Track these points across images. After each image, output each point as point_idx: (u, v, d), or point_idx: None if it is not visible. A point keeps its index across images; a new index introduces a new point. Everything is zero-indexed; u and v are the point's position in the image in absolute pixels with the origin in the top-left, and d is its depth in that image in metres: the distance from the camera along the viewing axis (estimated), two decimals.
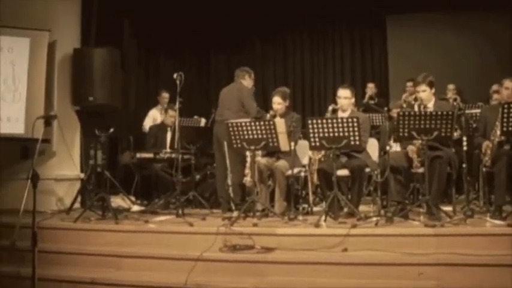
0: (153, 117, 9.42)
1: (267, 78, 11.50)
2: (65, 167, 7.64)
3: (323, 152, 6.13)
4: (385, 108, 6.10)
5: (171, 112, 8.22)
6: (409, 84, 9.08)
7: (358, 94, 9.85)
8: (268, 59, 11.67)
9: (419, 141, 5.69)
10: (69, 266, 5.59)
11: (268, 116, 6.61)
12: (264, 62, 11.64)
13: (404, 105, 6.60)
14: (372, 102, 9.52)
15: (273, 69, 11.65)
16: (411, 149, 5.86)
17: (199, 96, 11.25)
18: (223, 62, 11.55)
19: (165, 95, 9.42)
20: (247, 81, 7.26)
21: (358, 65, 11.22)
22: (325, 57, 11.40)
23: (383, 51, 10.99)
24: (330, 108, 6.40)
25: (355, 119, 5.68)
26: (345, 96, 6.34)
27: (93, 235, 5.87)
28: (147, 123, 9.33)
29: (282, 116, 6.63)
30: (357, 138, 5.69)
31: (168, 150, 7.78)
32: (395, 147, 6.28)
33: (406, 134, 5.54)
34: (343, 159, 6.22)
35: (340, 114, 6.36)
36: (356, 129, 5.65)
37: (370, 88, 9.92)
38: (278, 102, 6.68)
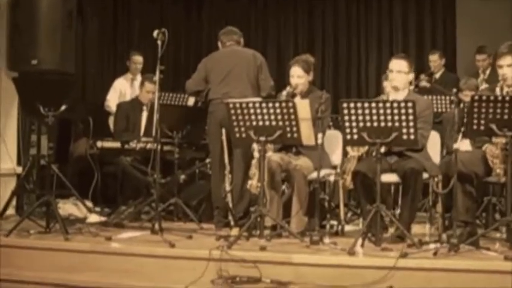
0: (120, 90, 9.46)
1: (283, 40, 11.56)
2: None
3: (366, 147, 6.09)
4: (454, 90, 6.05)
5: (148, 86, 8.20)
6: (480, 57, 9.19)
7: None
8: (286, 12, 11.67)
9: (502, 139, 5.66)
10: None
11: (284, 94, 6.56)
12: (280, 15, 11.66)
13: (483, 87, 6.55)
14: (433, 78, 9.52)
15: (292, 27, 11.67)
16: (490, 150, 5.82)
17: (186, 63, 11.23)
18: (220, 14, 11.50)
19: (137, 59, 9.48)
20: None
21: (412, 28, 11.25)
22: (367, 15, 11.42)
23: (449, 12, 11.01)
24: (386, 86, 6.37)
25: (409, 104, 5.63)
26: (399, 69, 6.30)
27: (33, 256, 5.85)
28: (112, 98, 9.37)
29: (305, 95, 6.62)
30: (411, 131, 5.63)
31: (142, 138, 7.78)
32: (465, 145, 6.24)
33: (482, 128, 5.49)
34: (392, 159, 6.19)
35: (391, 95, 6.34)
36: (411, 117, 5.60)
37: (434, 62, 9.93)
38: (298, 75, 6.66)
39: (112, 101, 9.28)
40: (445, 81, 9.52)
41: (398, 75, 6.31)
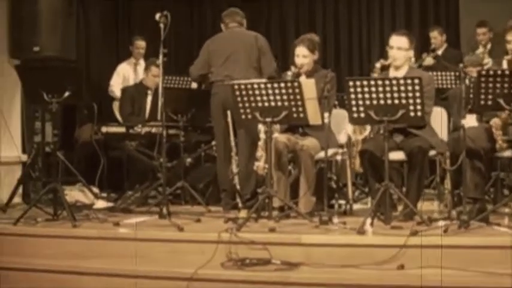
0: (124, 75, 9.47)
1: (288, 21, 11.58)
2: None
3: (368, 130, 6.04)
4: (460, 65, 6.01)
5: (154, 70, 8.19)
6: (480, 30, 9.11)
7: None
8: None
9: (507, 112, 5.62)
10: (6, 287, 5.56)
11: (289, 74, 6.52)
12: None
13: (487, 61, 6.50)
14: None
15: (295, 8, 11.66)
16: (495, 123, 5.78)
17: (189, 46, 11.19)
18: None
19: (140, 44, 9.51)
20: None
21: (415, 4, 11.21)
22: None
23: None
24: (378, 65, 6.33)
25: (416, 80, 5.58)
26: (399, 45, 6.25)
27: (41, 243, 5.83)
28: (116, 83, 9.40)
29: (310, 74, 6.57)
30: (418, 107, 5.59)
31: (147, 122, 7.75)
32: (471, 121, 6.20)
33: (489, 102, 5.45)
34: (398, 138, 6.15)
35: (392, 72, 6.28)
36: (418, 94, 5.56)
37: (434, 38, 9.84)
38: (303, 55, 6.62)
39: (116, 86, 9.32)
40: (448, 57, 9.47)
41: (398, 52, 6.26)
